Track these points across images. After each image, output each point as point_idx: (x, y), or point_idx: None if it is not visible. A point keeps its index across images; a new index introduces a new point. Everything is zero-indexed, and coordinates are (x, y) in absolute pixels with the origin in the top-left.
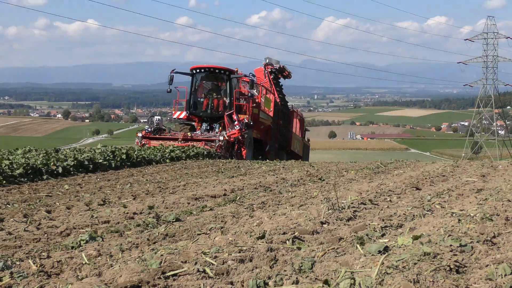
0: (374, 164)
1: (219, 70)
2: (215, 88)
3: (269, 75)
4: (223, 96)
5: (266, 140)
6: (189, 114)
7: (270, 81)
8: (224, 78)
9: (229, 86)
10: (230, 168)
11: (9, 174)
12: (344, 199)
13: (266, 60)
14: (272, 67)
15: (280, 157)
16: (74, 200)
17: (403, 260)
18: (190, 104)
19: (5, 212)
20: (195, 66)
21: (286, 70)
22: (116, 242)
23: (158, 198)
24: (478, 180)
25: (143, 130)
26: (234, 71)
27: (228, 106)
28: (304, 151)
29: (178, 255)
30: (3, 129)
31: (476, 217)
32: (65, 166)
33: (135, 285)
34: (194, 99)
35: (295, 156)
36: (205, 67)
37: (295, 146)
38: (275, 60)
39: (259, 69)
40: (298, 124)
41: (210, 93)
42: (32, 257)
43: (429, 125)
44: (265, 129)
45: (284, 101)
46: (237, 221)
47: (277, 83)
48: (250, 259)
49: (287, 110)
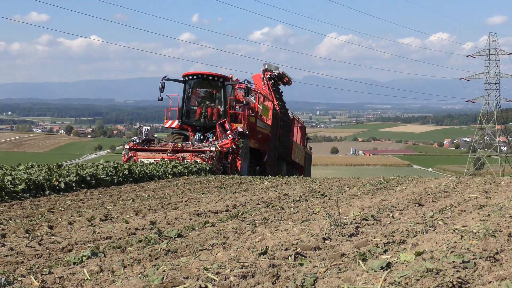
0: (376, 180)
1: (212, 77)
2: (209, 96)
3: (268, 82)
4: (217, 104)
5: (265, 150)
6: (181, 123)
7: (269, 87)
8: (218, 85)
9: (223, 93)
10: (232, 183)
11: (11, 189)
12: (346, 215)
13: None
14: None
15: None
16: (76, 216)
17: (406, 276)
18: (183, 112)
19: (7, 227)
20: (188, 72)
21: (286, 76)
22: (118, 257)
23: (160, 214)
24: (480, 196)
25: (131, 142)
26: (229, 78)
27: (223, 114)
28: (306, 161)
29: (180, 271)
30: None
31: (478, 233)
32: (68, 181)
33: None
34: (187, 107)
35: (295, 166)
36: (198, 73)
37: (296, 155)
38: (274, 66)
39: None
40: (299, 133)
41: (203, 101)
42: (34, 273)
43: (432, 141)
44: (263, 138)
45: (284, 108)
46: (239, 237)
47: (276, 90)
48: (252, 275)
49: (287, 118)
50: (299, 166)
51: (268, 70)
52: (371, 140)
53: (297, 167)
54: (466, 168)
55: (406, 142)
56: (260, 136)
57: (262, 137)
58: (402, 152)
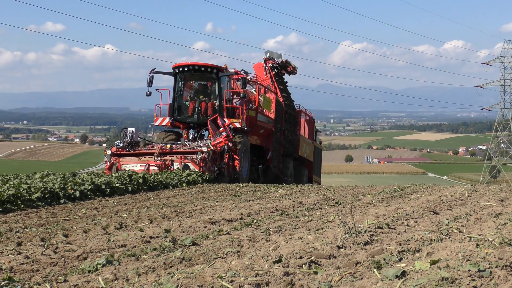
0: (391, 188)
1: (205, 68)
2: (202, 89)
3: (271, 71)
4: (212, 98)
5: (268, 146)
6: (172, 120)
7: (271, 77)
8: (211, 77)
9: (217, 86)
10: (246, 192)
11: (27, 198)
12: (361, 223)
13: (267, 54)
14: (274, 62)
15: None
16: (91, 224)
17: (421, 285)
18: (174, 108)
19: (22, 236)
20: (178, 64)
21: (291, 64)
22: (132, 266)
23: (175, 222)
24: (496, 205)
25: (114, 146)
26: (223, 68)
27: (218, 109)
28: (316, 156)
29: (194, 279)
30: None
31: (494, 241)
32: (83, 190)
33: None
34: (178, 102)
35: (304, 162)
36: (189, 64)
37: (304, 150)
38: (277, 54)
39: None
40: (307, 126)
41: (196, 95)
42: (49, 281)
43: (447, 149)
44: (265, 133)
45: (289, 100)
46: (253, 245)
47: (280, 80)
48: (267, 283)
49: (293, 110)
50: (308, 162)
51: (270, 58)
52: (385, 148)
53: (306, 163)
54: (481, 176)
55: (420, 150)
56: (262, 131)
57: (264, 133)
58: (416, 160)
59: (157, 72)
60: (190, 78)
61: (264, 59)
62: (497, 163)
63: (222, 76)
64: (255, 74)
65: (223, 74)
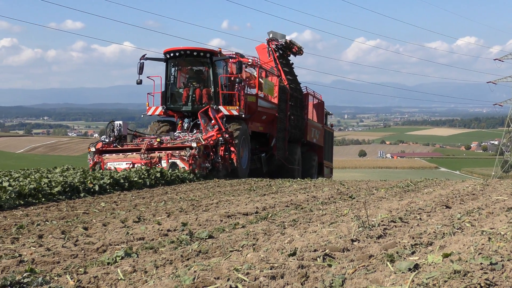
0: (404, 183)
1: (197, 52)
2: (196, 75)
3: (274, 53)
4: (207, 84)
5: (272, 133)
6: (165, 109)
7: (275, 59)
8: (206, 62)
9: (212, 71)
10: (261, 186)
11: (48, 191)
12: (374, 217)
13: (270, 34)
14: (277, 43)
15: (292, 151)
16: (110, 217)
17: (433, 278)
18: (167, 96)
19: (44, 228)
20: (169, 49)
21: (296, 45)
22: (150, 258)
23: (192, 216)
24: (508, 199)
25: (100, 142)
26: (217, 52)
27: (214, 96)
28: (326, 140)
29: (211, 271)
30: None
31: (506, 235)
32: (102, 184)
33: None
34: (171, 90)
35: (313, 148)
36: (181, 49)
37: (312, 135)
38: (280, 34)
39: (262, 46)
40: (315, 109)
41: (190, 82)
42: (70, 273)
43: (459, 144)
44: (268, 119)
45: (296, 82)
46: (268, 238)
47: (285, 62)
48: (282, 275)
49: (300, 93)
50: (318, 147)
51: (273, 39)
52: (398, 143)
53: (316, 148)
54: (493, 171)
55: (433, 145)
56: (265, 117)
57: (267, 118)
58: (429, 155)
59: (147, 59)
60: (182, 63)
61: (267, 40)
62: (509, 158)
63: (216, 60)
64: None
65: (217, 58)
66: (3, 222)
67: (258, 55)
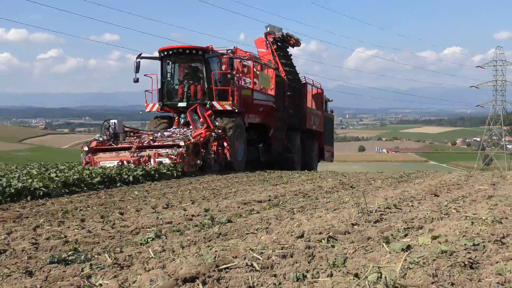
0: (398, 174)
1: (190, 50)
2: (190, 72)
3: (272, 46)
4: (201, 81)
5: (270, 123)
6: (162, 106)
7: (272, 52)
8: (199, 59)
9: (205, 68)
10: (273, 177)
11: (89, 181)
12: (372, 204)
13: (267, 28)
14: (275, 36)
15: (291, 140)
16: (143, 204)
17: (423, 257)
18: (163, 93)
19: (85, 213)
20: (163, 47)
21: (293, 37)
22: (177, 239)
23: (213, 203)
24: (489, 188)
25: (94, 141)
26: (209, 50)
27: (207, 92)
28: (326, 126)
29: (229, 251)
30: None
31: (487, 220)
32: (135, 175)
33: (194, 276)
34: (167, 87)
35: (314, 135)
36: (174, 48)
37: (312, 122)
38: (277, 28)
39: (260, 39)
40: (314, 97)
41: (185, 79)
42: (108, 252)
43: (446, 141)
44: (265, 111)
45: (294, 73)
46: (279, 222)
47: (282, 54)
48: (291, 255)
49: (298, 83)
50: (318, 134)
51: (271, 32)
52: (393, 139)
53: (316, 134)
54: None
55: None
56: (262, 109)
57: (264, 110)
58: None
59: (143, 57)
60: (176, 61)
61: (264, 33)
62: (490, 153)
63: (209, 57)
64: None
65: (209, 55)
66: (51, 208)
67: (257, 47)
